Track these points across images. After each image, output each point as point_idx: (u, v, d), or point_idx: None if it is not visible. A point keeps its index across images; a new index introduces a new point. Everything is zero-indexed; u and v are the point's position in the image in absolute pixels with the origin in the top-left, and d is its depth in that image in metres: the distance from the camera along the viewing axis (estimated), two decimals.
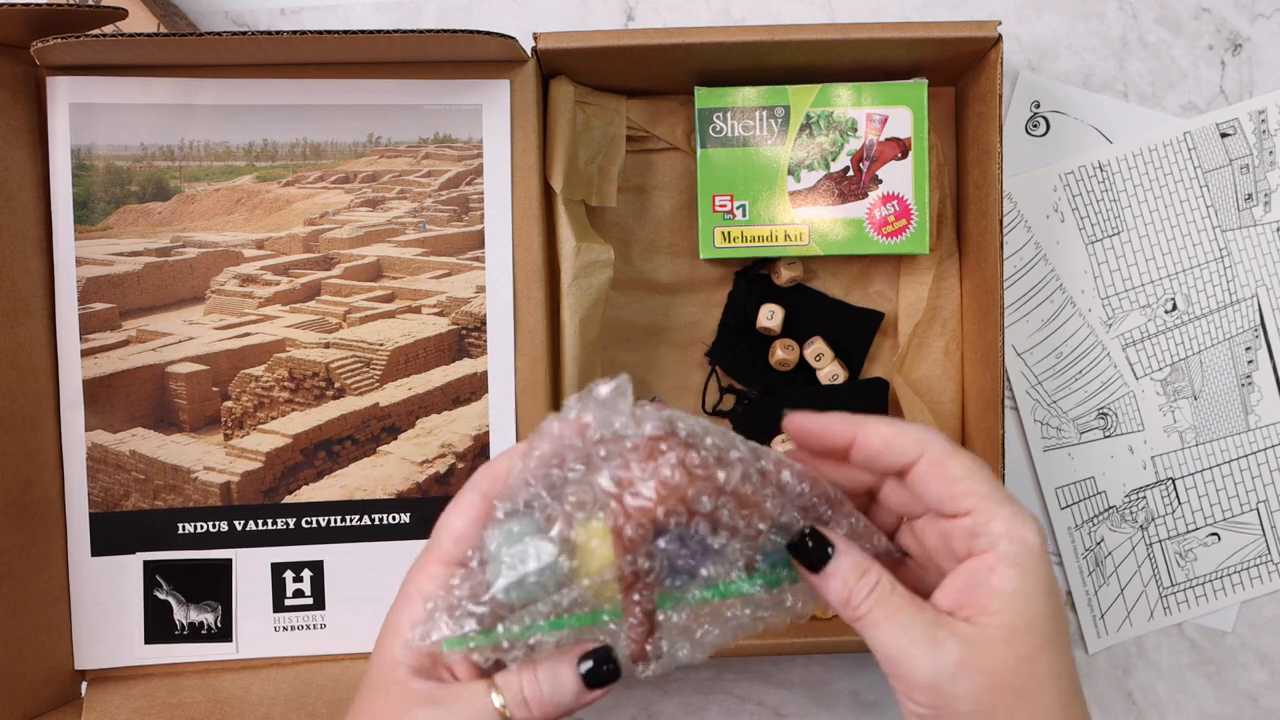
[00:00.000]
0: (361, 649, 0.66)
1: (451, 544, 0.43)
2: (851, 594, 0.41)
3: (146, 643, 0.65)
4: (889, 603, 0.41)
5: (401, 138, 0.66)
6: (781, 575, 0.43)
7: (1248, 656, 0.74)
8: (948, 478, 0.41)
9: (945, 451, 0.42)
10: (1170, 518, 0.73)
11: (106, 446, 0.65)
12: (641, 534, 0.40)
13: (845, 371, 0.71)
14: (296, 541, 0.66)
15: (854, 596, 0.41)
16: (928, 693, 0.40)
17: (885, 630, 0.40)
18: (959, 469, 0.41)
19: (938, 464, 0.41)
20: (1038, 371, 0.73)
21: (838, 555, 0.42)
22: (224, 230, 0.66)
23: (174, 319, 0.66)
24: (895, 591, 0.41)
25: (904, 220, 0.68)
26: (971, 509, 0.41)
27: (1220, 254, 0.72)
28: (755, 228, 0.68)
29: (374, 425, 0.66)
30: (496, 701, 0.41)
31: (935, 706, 0.40)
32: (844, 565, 0.42)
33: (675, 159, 0.71)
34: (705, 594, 0.42)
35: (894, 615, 0.40)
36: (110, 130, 0.64)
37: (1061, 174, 0.73)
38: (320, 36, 0.57)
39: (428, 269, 0.67)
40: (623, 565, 0.40)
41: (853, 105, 0.67)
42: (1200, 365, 0.73)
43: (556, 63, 0.65)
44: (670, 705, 0.73)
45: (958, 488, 0.41)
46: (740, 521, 0.42)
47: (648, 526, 0.40)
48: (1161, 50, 0.72)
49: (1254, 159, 0.72)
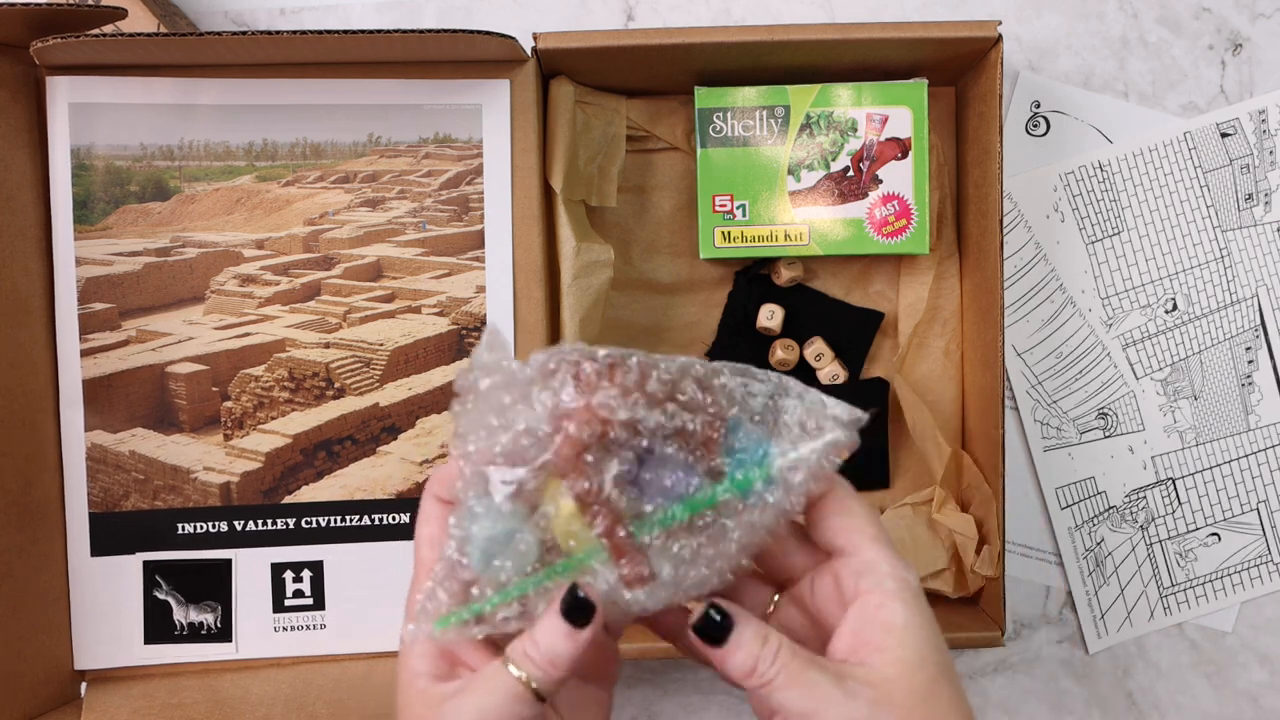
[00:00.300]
0: (362, 649, 0.66)
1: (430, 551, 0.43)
2: (758, 662, 0.41)
3: (146, 643, 0.65)
4: (793, 665, 0.41)
5: (401, 138, 0.66)
6: (752, 476, 0.42)
7: (1248, 657, 0.74)
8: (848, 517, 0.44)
9: (851, 493, 0.44)
10: (1170, 518, 0.73)
11: (106, 446, 0.65)
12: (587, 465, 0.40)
13: (845, 371, 0.71)
14: (296, 542, 0.66)
15: (760, 664, 0.41)
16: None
17: (795, 692, 0.41)
18: (861, 511, 0.44)
19: (841, 502, 0.44)
20: (1038, 371, 0.73)
21: (738, 627, 0.42)
22: (224, 230, 0.66)
23: (174, 319, 0.66)
24: (796, 653, 0.42)
25: (904, 220, 0.68)
26: (860, 548, 0.43)
27: (1220, 254, 0.72)
28: (755, 228, 0.68)
29: (374, 425, 0.66)
30: (515, 672, 0.41)
31: None
32: (746, 635, 0.42)
33: (675, 159, 0.71)
34: (677, 509, 0.42)
35: (800, 675, 0.41)
36: (110, 130, 0.64)
37: (1062, 174, 0.73)
38: (320, 36, 0.57)
39: (428, 269, 0.67)
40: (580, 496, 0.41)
41: (853, 105, 0.67)
42: (1200, 365, 0.73)
43: (556, 63, 0.65)
44: (670, 705, 0.73)
45: (853, 526, 0.44)
46: (693, 424, 0.41)
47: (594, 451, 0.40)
48: (1162, 50, 0.72)
49: (1254, 159, 0.72)
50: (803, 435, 0.43)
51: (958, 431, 0.72)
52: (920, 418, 0.69)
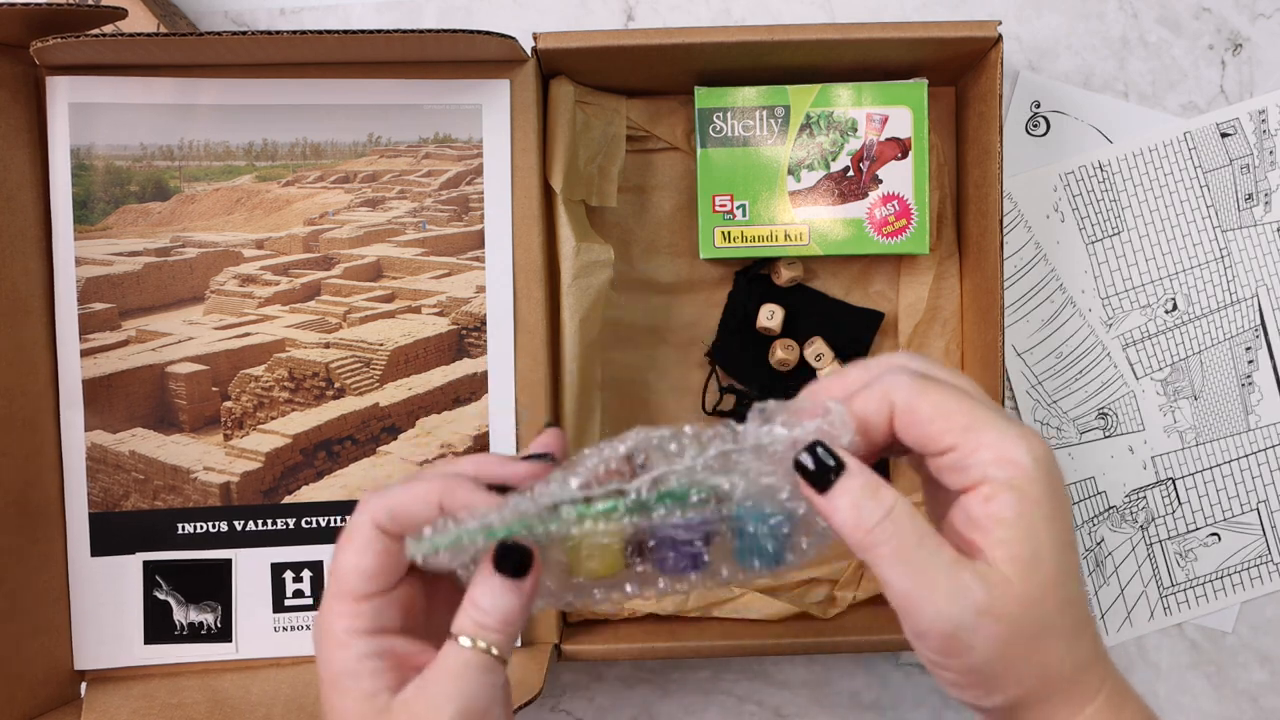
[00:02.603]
0: None
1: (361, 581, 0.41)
2: (862, 518, 0.37)
3: (146, 643, 0.65)
4: (906, 534, 0.37)
5: (401, 138, 0.66)
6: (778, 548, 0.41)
7: (1248, 657, 0.74)
8: (920, 420, 0.38)
9: (913, 392, 0.38)
10: (1170, 518, 0.73)
11: (106, 447, 0.65)
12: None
13: None
14: (296, 542, 0.66)
15: (865, 520, 0.37)
16: (944, 640, 0.37)
17: (901, 569, 0.36)
18: (929, 408, 0.38)
19: (907, 410, 0.38)
20: (1038, 371, 0.73)
21: (847, 474, 0.38)
22: (224, 230, 0.66)
23: (174, 319, 0.66)
24: (915, 521, 0.37)
25: (904, 220, 0.68)
26: (953, 445, 0.38)
27: (1220, 254, 0.72)
28: (755, 228, 0.68)
29: (374, 425, 0.66)
30: (465, 643, 0.40)
31: (948, 654, 0.37)
32: (854, 485, 0.37)
33: (675, 159, 0.71)
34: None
35: (912, 551, 0.36)
36: (110, 130, 0.64)
37: (1062, 174, 0.73)
38: (320, 36, 0.57)
39: (428, 269, 0.67)
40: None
41: (853, 105, 0.67)
42: (1200, 365, 0.73)
43: (556, 63, 0.65)
44: (670, 705, 0.73)
45: (933, 428, 0.38)
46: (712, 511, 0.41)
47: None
48: (1162, 50, 0.72)
49: (1254, 159, 0.72)
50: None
51: None
52: None
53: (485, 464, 0.43)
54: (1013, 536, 0.37)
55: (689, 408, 0.73)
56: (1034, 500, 0.37)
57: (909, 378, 0.39)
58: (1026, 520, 0.37)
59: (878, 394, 0.39)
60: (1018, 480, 0.37)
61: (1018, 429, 0.38)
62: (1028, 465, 0.37)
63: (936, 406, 0.38)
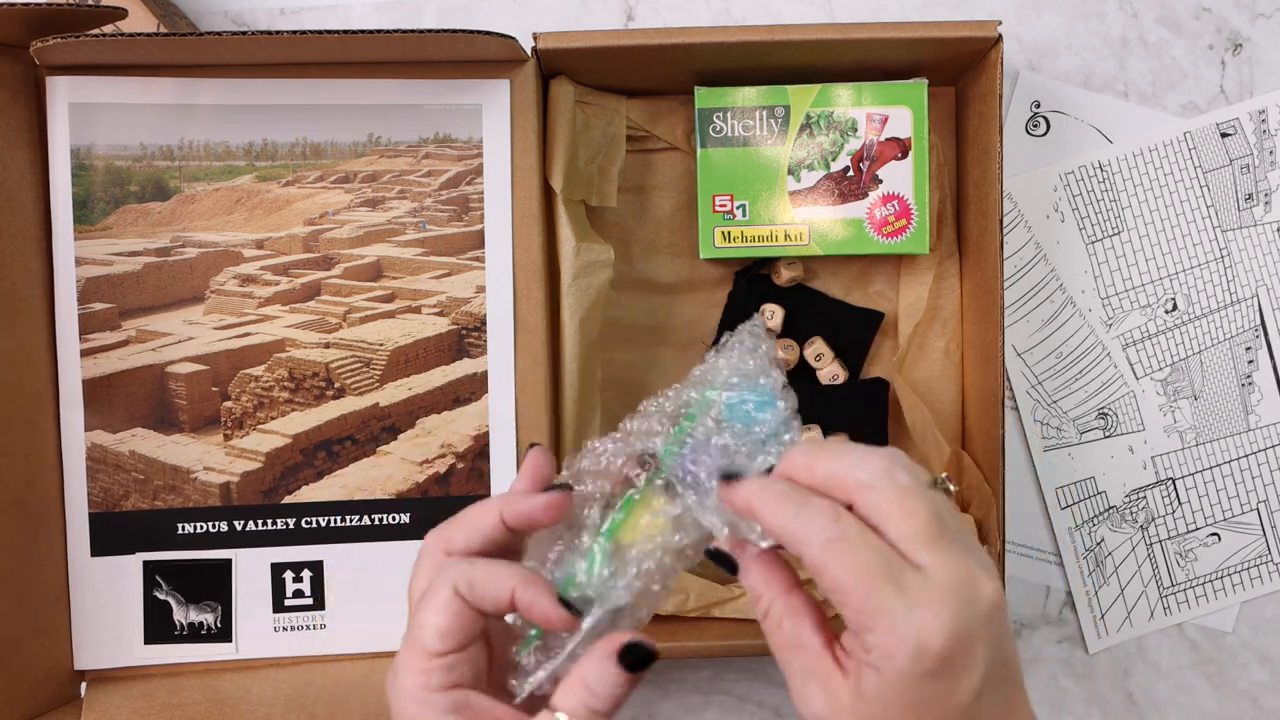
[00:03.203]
0: (362, 649, 0.66)
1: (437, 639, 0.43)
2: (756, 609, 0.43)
3: (146, 643, 0.65)
4: (775, 636, 0.42)
5: (401, 137, 0.66)
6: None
7: (1248, 657, 0.74)
8: (821, 587, 0.40)
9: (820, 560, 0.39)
10: (1170, 518, 0.73)
11: (106, 446, 0.65)
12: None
13: (845, 372, 0.71)
14: (296, 542, 0.66)
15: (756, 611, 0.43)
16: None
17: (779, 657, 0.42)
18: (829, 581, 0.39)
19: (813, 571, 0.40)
20: (1038, 371, 0.73)
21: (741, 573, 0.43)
22: (224, 230, 0.66)
23: (174, 319, 0.66)
24: (783, 627, 0.42)
25: (904, 220, 0.68)
26: (846, 616, 0.39)
27: (1220, 254, 0.72)
28: (755, 228, 0.68)
29: (374, 425, 0.66)
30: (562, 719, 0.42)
31: None
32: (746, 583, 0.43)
33: (675, 159, 0.71)
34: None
35: (779, 651, 0.42)
36: (110, 130, 0.64)
37: (1062, 174, 0.73)
38: (320, 36, 0.57)
39: (428, 269, 0.67)
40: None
41: (853, 105, 0.67)
42: (1200, 365, 0.73)
43: (556, 63, 0.65)
44: (670, 705, 0.73)
45: (832, 598, 0.39)
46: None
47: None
48: (1162, 50, 0.72)
49: (1254, 159, 0.72)
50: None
51: (958, 431, 0.72)
52: (920, 418, 0.69)
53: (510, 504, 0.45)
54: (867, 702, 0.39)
55: None
56: (898, 690, 0.38)
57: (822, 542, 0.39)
58: (882, 701, 0.38)
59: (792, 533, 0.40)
60: (887, 672, 0.38)
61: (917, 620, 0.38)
62: (902, 665, 0.38)
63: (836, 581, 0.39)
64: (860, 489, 0.40)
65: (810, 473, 0.41)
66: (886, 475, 0.40)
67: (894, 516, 0.39)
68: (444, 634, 0.43)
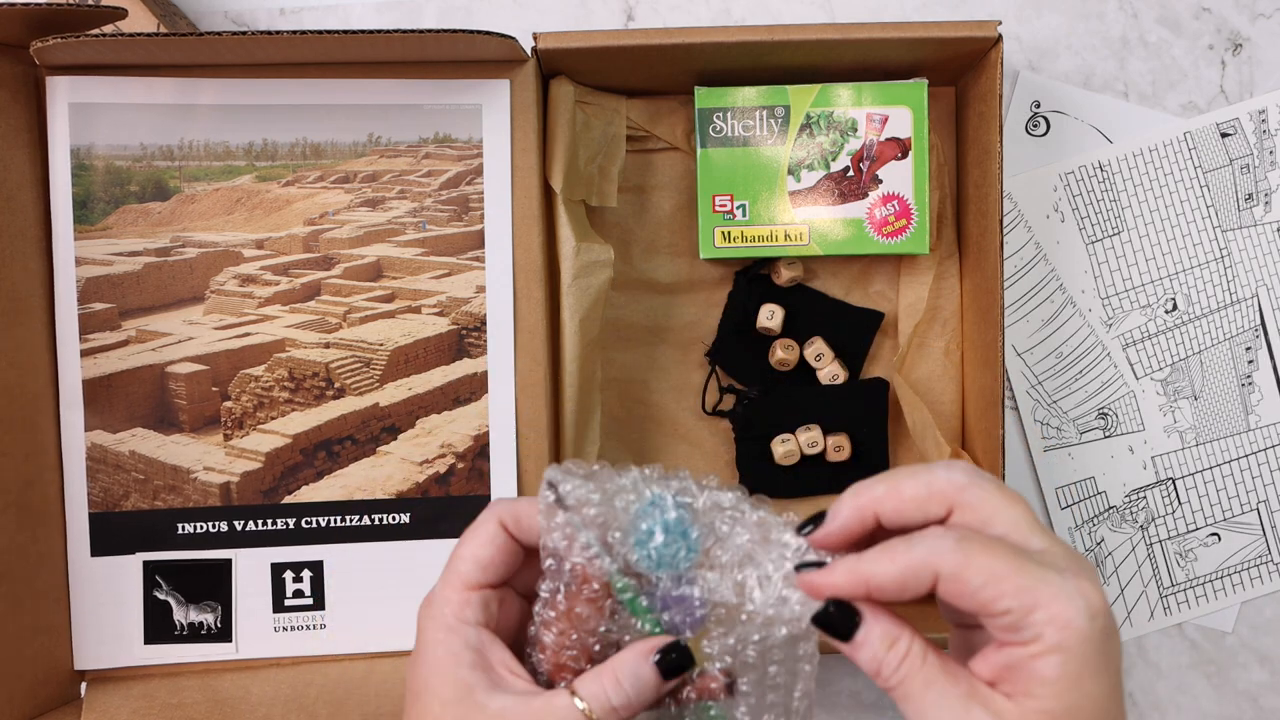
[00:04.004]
0: (362, 649, 0.66)
1: (476, 570, 0.43)
2: (882, 665, 0.40)
3: (146, 643, 0.65)
4: (920, 675, 0.39)
5: (401, 138, 0.66)
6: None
7: (1248, 657, 0.74)
8: (969, 591, 0.38)
9: (959, 560, 0.38)
10: (1170, 518, 0.73)
11: (106, 446, 0.65)
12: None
13: (845, 372, 0.71)
14: (296, 542, 0.66)
15: (884, 668, 0.40)
16: None
17: (916, 704, 0.39)
18: (978, 576, 0.38)
19: (955, 579, 0.38)
20: (1038, 371, 0.73)
21: (866, 624, 0.40)
22: (224, 230, 0.66)
23: (174, 319, 0.66)
24: (927, 661, 0.39)
25: (904, 220, 0.68)
26: (1007, 609, 0.38)
27: (1220, 254, 0.72)
28: (755, 228, 0.68)
29: (374, 425, 0.66)
30: (580, 705, 0.41)
31: None
32: (873, 635, 0.40)
33: (675, 159, 0.71)
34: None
35: (926, 688, 0.39)
36: (110, 130, 0.64)
37: (1061, 174, 0.73)
38: (320, 36, 0.57)
39: (428, 269, 0.67)
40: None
41: (853, 105, 0.67)
42: (1200, 365, 0.73)
43: (556, 63, 0.65)
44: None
45: (984, 595, 0.38)
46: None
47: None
48: (1162, 50, 0.72)
49: (1254, 159, 0.72)
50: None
51: (958, 431, 0.72)
52: (920, 418, 0.69)
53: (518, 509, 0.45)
54: (1052, 693, 0.37)
55: (689, 408, 0.73)
56: (1082, 659, 0.37)
57: (953, 543, 0.38)
58: (1070, 679, 0.37)
59: (918, 559, 0.39)
60: (1069, 641, 0.37)
61: (1074, 582, 0.38)
62: (1082, 626, 0.37)
63: (985, 573, 0.38)
64: (960, 489, 0.40)
65: (897, 495, 0.40)
66: (976, 473, 0.40)
67: (1002, 507, 0.39)
68: (485, 565, 0.43)
